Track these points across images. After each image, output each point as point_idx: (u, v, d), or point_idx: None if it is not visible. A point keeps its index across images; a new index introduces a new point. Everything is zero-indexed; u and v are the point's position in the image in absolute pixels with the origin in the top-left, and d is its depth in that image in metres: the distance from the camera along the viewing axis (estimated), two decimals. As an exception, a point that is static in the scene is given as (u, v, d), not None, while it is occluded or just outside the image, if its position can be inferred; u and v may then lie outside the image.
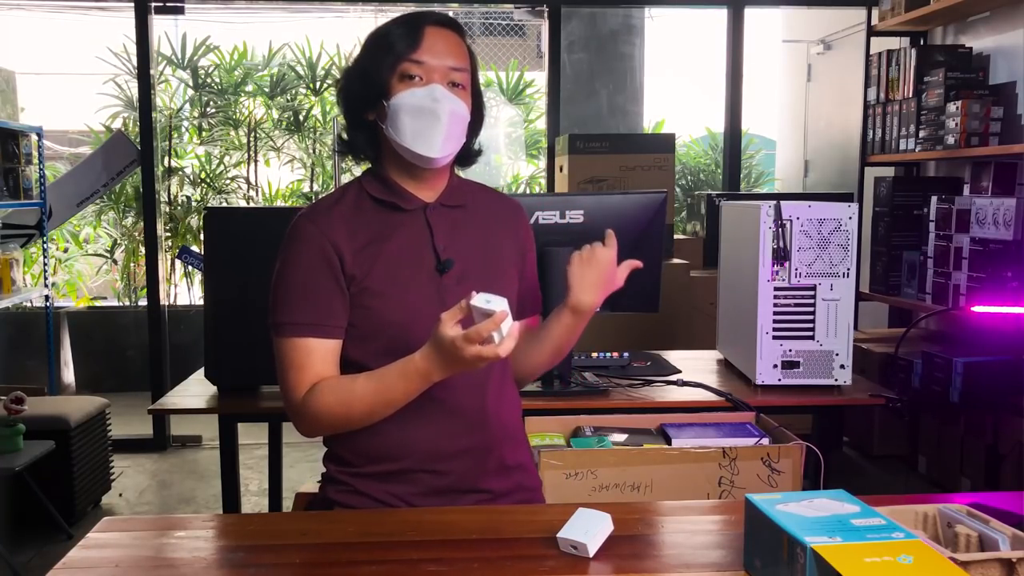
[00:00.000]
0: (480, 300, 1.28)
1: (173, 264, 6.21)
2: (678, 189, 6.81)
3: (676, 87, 9.18)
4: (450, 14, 1.62)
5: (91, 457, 3.69)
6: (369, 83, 1.46)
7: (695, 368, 2.70)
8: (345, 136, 1.55)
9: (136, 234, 6.22)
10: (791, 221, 2.39)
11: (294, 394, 1.45)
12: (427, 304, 1.44)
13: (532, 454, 1.70)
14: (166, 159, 6.07)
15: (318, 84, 6.58)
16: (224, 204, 6.32)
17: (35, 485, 3.35)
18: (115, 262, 6.51)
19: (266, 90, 6.56)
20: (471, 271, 1.50)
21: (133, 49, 4.85)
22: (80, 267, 6.73)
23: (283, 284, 1.46)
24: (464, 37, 1.50)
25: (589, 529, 1.28)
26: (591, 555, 1.26)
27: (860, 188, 4.62)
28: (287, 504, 3.16)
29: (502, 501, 1.53)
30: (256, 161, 6.52)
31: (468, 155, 1.57)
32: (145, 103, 4.59)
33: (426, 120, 1.42)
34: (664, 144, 4.39)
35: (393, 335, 1.45)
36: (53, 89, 8.09)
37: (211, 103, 6.55)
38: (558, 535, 1.29)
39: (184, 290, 6.53)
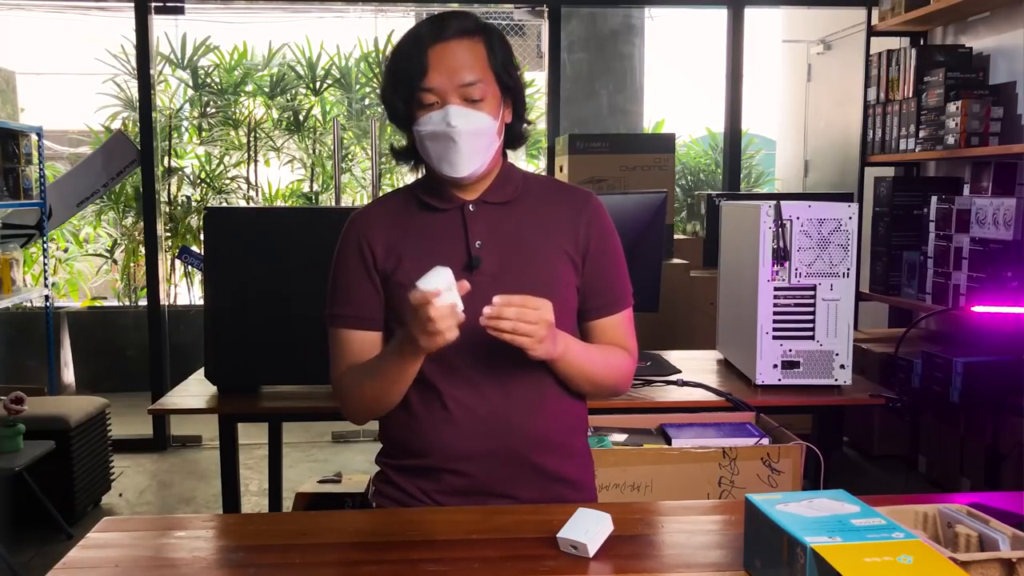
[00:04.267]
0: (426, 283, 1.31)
1: (173, 264, 6.20)
2: (678, 189, 6.81)
3: (676, 87, 9.17)
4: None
5: (91, 457, 3.69)
6: (395, 111, 1.49)
7: (695, 368, 2.70)
8: (395, 144, 1.59)
9: (136, 234, 6.22)
10: (791, 221, 2.39)
11: (331, 378, 1.56)
12: None
13: (591, 473, 1.63)
14: (166, 159, 6.06)
15: (318, 84, 6.57)
16: (224, 204, 6.32)
17: (35, 485, 3.35)
18: (115, 262, 6.51)
19: (266, 90, 6.55)
20: (509, 268, 1.48)
21: (133, 49, 4.85)
22: (80, 267, 6.73)
23: (330, 278, 1.57)
24: (474, 34, 1.45)
25: (589, 529, 1.28)
26: (591, 555, 1.26)
27: (860, 188, 4.62)
28: (287, 504, 3.16)
29: None
30: (256, 161, 6.52)
31: (514, 139, 1.56)
32: (145, 103, 4.59)
33: (445, 143, 1.44)
34: (664, 144, 4.39)
35: None
36: (53, 89, 8.08)
37: (211, 103, 6.54)
38: (558, 535, 1.29)
39: (184, 290, 6.53)
